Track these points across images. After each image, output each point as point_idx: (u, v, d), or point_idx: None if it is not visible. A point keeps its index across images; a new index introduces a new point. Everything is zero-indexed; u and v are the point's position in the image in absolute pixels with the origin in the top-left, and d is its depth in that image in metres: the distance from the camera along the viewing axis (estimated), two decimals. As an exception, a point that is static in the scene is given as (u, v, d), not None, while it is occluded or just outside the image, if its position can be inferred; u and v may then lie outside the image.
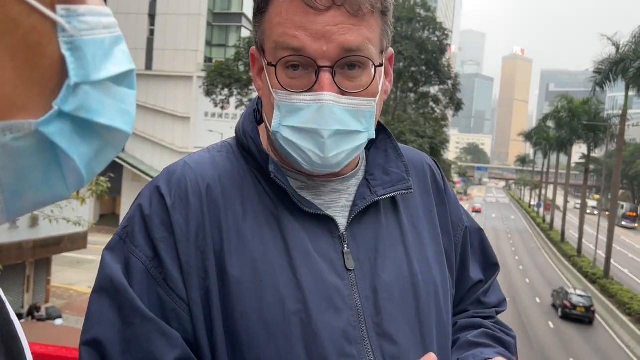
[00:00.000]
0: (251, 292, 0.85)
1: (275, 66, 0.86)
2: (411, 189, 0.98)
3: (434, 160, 1.14)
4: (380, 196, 0.95)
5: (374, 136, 0.91)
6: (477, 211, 71.70)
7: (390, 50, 0.97)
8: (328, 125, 0.84)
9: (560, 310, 23.92)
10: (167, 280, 0.84)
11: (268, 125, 0.91)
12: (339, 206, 0.95)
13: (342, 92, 0.85)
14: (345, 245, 0.91)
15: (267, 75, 0.89)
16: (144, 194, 0.90)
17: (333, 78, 0.84)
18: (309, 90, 0.84)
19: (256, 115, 1.00)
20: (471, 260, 1.12)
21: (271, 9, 0.87)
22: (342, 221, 0.93)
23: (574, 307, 23.03)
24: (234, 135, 1.01)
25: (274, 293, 0.85)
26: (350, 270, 0.90)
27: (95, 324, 0.83)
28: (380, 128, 1.02)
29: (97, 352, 0.81)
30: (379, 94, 0.90)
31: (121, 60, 0.46)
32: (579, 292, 24.44)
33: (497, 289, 1.16)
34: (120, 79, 0.46)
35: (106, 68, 0.44)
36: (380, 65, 0.88)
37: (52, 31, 0.40)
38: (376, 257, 0.93)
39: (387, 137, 1.03)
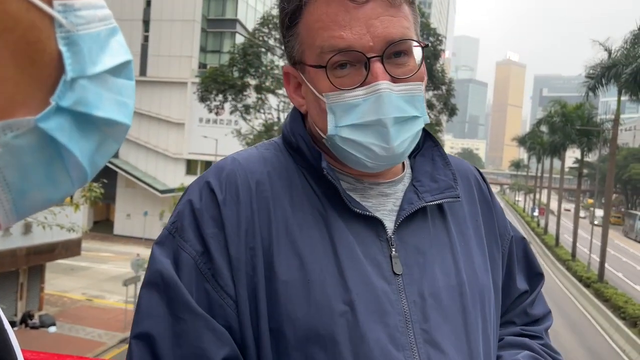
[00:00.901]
0: (298, 292, 0.84)
1: (325, 67, 0.86)
2: (459, 197, 0.97)
3: (479, 171, 1.13)
4: (428, 202, 0.94)
5: (428, 121, 0.92)
6: None
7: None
8: (389, 113, 0.84)
9: None
10: (216, 276, 0.84)
11: (322, 133, 0.91)
12: (386, 210, 0.94)
13: (394, 81, 0.86)
14: (394, 249, 0.90)
15: (311, 83, 0.89)
16: (193, 189, 0.90)
17: (384, 67, 0.85)
18: (362, 85, 0.85)
19: (303, 120, 0.98)
20: (517, 270, 1.11)
21: (306, 16, 0.88)
22: (389, 225, 0.92)
23: None
24: (281, 135, 1.01)
25: (321, 293, 0.84)
26: (398, 274, 0.89)
27: (146, 318, 0.82)
28: (426, 136, 1.03)
29: (148, 345, 0.81)
30: (425, 78, 0.91)
31: (118, 52, 0.46)
32: None
33: (542, 300, 1.14)
34: (118, 71, 0.46)
35: (102, 61, 0.44)
36: (427, 45, 0.91)
37: (50, 27, 0.41)
38: (424, 263, 0.91)
39: (434, 145, 1.03)
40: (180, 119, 33.73)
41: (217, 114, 24.03)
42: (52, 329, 15.75)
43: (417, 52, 0.90)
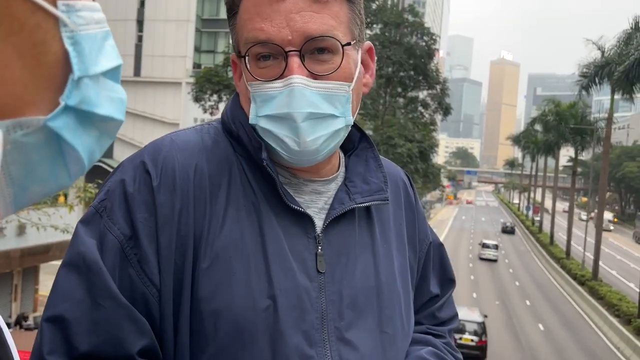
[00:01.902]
0: (223, 283, 0.84)
1: (245, 57, 0.88)
2: (387, 200, 0.99)
3: (408, 176, 1.16)
4: (359, 204, 0.96)
5: (351, 122, 0.91)
6: (470, 202, 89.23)
7: (368, 43, 0.97)
8: (300, 108, 0.84)
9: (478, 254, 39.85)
10: (142, 262, 0.82)
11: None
12: (317, 207, 0.95)
13: (314, 77, 0.86)
14: (320, 247, 0.92)
15: (244, 72, 0.90)
16: (126, 168, 0.87)
17: (302, 62, 0.85)
18: (280, 77, 0.85)
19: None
20: (431, 274, 1.14)
21: (240, 8, 0.89)
22: (318, 223, 0.93)
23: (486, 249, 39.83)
24: (220, 120, 0.99)
25: (245, 286, 0.84)
26: (321, 272, 0.90)
27: (62, 301, 0.79)
28: (362, 137, 1.04)
29: (60, 329, 0.78)
30: (354, 80, 0.90)
31: (111, 55, 0.47)
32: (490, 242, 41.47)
33: (451, 304, 1.17)
34: (110, 73, 0.47)
35: (101, 62, 0.45)
36: (348, 44, 0.88)
37: (55, 27, 0.42)
38: (347, 264, 0.93)
39: (369, 147, 1.04)
40: (175, 119, 33.65)
41: (211, 114, 23.97)
42: (47, 331, 15.68)
43: (350, 52, 0.89)
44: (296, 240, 0.90)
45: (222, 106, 23.07)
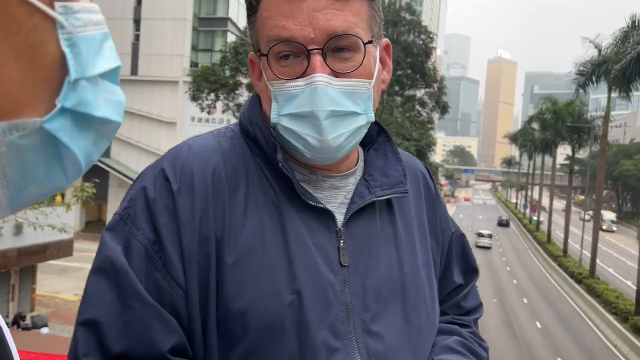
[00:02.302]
0: (248, 281, 0.85)
1: (267, 56, 0.88)
2: (407, 192, 1.00)
3: (427, 168, 1.16)
4: (378, 197, 0.96)
5: (372, 119, 0.92)
6: (467, 199, 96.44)
7: (386, 40, 0.98)
8: (323, 106, 0.84)
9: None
10: (167, 265, 0.83)
11: (269, 120, 0.92)
12: (337, 202, 0.96)
13: (336, 75, 0.86)
14: (342, 241, 0.92)
15: (264, 71, 0.91)
16: (147, 176, 0.89)
17: (324, 60, 0.85)
18: (302, 76, 0.86)
19: (261, 107, 0.99)
20: (454, 264, 1.15)
21: (261, 6, 0.89)
22: (339, 217, 0.94)
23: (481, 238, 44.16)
24: (238, 122, 1.01)
25: (270, 284, 0.85)
26: (344, 266, 0.91)
27: (93, 305, 0.82)
28: (380, 130, 1.05)
29: (94, 332, 0.80)
30: (374, 77, 0.91)
31: (110, 57, 0.47)
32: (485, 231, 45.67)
33: (475, 293, 1.19)
34: (108, 75, 0.47)
35: (98, 64, 0.45)
36: (370, 42, 0.89)
37: (52, 29, 0.41)
38: (370, 256, 0.94)
39: (387, 140, 1.05)
40: (172, 118, 33.60)
41: (209, 113, 23.93)
42: (45, 330, 15.65)
43: (370, 50, 0.90)
44: (318, 235, 0.91)
45: (219, 105, 23.05)
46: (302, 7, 0.85)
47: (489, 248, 43.33)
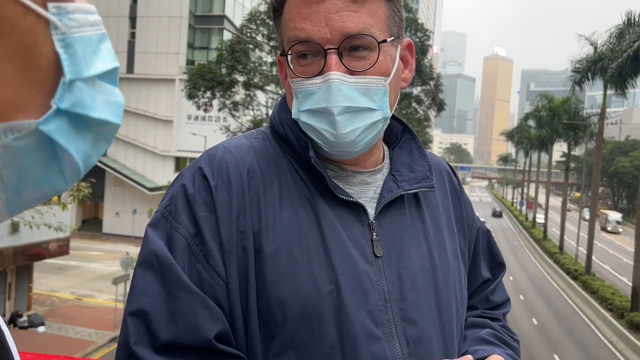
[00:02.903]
0: (286, 272, 0.88)
1: (286, 55, 0.94)
2: (434, 187, 1.04)
3: (450, 167, 1.21)
4: (407, 190, 1.01)
5: (389, 115, 0.95)
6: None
7: (407, 39, 1.02)
8: (336, 102, 0.89)
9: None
10: (208, 257, 0.87)
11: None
12: (367, 197, 1.00)
13: (351, 73, 0.90)
14: (375, 234, 0.96)
15: (288, 70, 0.96)
16: (186, 175, 0.94)
17: (340, 59, 0.90)
18: (320, 74, 0.91)
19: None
20: (481, 259, 1.19)
21: (285, 9, 0.95)
22: (370, 211, 0.98)
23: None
24: (269, 124, 1.06)
25: (308, 273, 0.89)
26: (378, 257, 0.95)
27: (141, 296, 0.85)
28: (404, 129, 1.11)
29: (143, 322, 0.83)
30: (391, 74, 0.94)
31: (107, 58, 0.47)
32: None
33: (502, 288, 1.22)
34: (106, 76, 0.47)
35: (95, 65, 0.45)
36: (384, 41, 0.93)
37: (46, 30, 0.41)
38: (402, 247, 0.98)
39: (412, 138, 1.10)
40: (169, 116, 33.54)
41: (205, 110, 23.92)
42: (41, 329, 15.63)
43: (387, 48, 0.94)
44: (352, 228, 0.95)
45: (215, 103, 23.02)
46: (320, 10, 0.90)
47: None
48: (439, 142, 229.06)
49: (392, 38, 0.95)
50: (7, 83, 0.39)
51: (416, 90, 27.07)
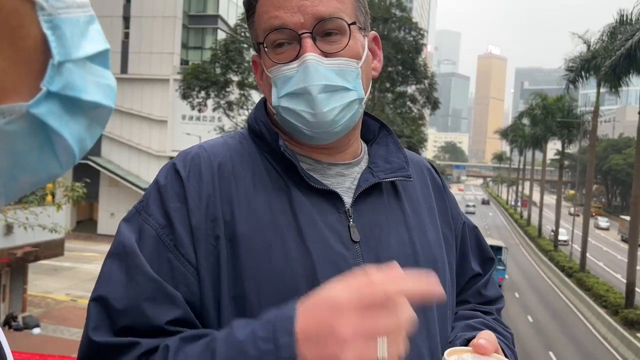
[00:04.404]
0: (261, 256, 0.90)
1: (264, 45, 0.96)
2: (410, 177, 1.06)
3: (432, 165, 1.23)
4: (382, 179, 1.02)
5: (363, 97, 0.98)
6: (461, 190, 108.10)
7: (373, 32, 1.06)
8: (314, 81, 0.92)
9: None
10: (178, 246, 0.89)
11: (272, 109, 0.99)
12: (344, 187, 1.02)
13: (325, 55, 0.94)
14: (351, 220, 0.97)
15: (263, 63, 0.99)
16: (160, 172, 0.97)
17: (314, 43, 0.94)
18: (296, 59, 0.94)
19: (266, 108, 1.06)
20: (470, 254, 1.20)
21: (258, 4, 0.98)
22: (347, 200, 0.99)
23: None
24: (246, 126, 1.09)
25: (283, 257, 0.90)
26: (356, 242, 0.96)
27: (104, 284, 0.87)
28: (381, 127, 1.14)
29: (103, 308, 0.85)
30: (362, 58, 0.98)
31: (97, 40, 0.46)
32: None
33: (494, 283, 1.23)
34: (97, 59, 0.46)
35: (84, 46, 0.44)
36: (354, 23, 0.97)
37: (32, 11, 0.41)
38: (380, 234, 0.99)
39: (388, 134, 1.13)
40: (163, 117, 33.44)
41: (199, 110, 23.86)
42: (36, 331, 15.56)
43: (356, 34, 0.98)
44: (327, 215, 0.96)
45: (210, 103, 22.97)
46: None
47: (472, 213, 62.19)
48: (433, 140, 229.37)
49: (360, 26, 0.99)
50: None
51: (411, 89, 27.10)
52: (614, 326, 20.45)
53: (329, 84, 0.93)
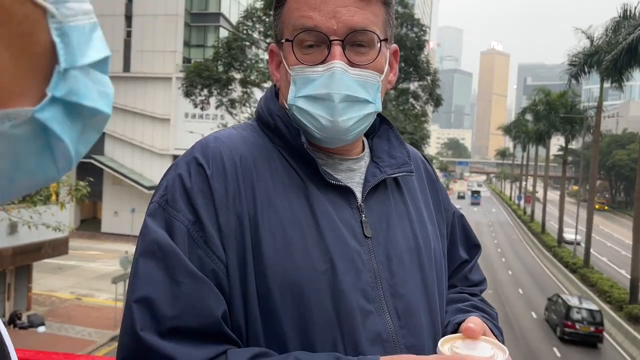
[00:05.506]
0: (282, 254, 0.92)
1: (292, 42, 0.97)
2: (413, 172, 1.10)
3: (425, 158, 1.28)
4: (389, 175, 1.07)
5: (380, 109, 1.01)
6: (466, 180, 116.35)
7: (394, 46, 1.08)
8: (339, 89, 0.93)
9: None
10: (208, 242, 0.90)
11: (285, 104, 1.00)
12: (354, 182, 1.05)
13: (352, 65, 0.95)
14: (363, 215, 1.01)
15: (285, 58, 0.99)
16: (180, 165, 0.96)
17: (343, 51, 0.94)
18: (322, 63, 0.95)
19: (277, 98, 1.07)
20: (458, 241, 1.27)
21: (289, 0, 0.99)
22: (358, 195, 1.03)
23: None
24: (255, 117, 1.09)
25: (304, 255, 0.93)
26: (368, 237, 1.00)
27: (145, 284, 0.87)
28: (381, 120, 1.16)
29: (148, 308, 0.85)
30: (384, 73, 1.01)
31: (100, 47, 0.47)
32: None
33: (478, 268, 1.31)
34: (98, 65, 0.47)
35: (89, 53, 0.45)
36: (385, 40, 0.99)
37: (42, 19, 0.41)
38: (388, 228, 1.04)
39: (389, 128, 1.16)
40: (166, 115, 33.47)
41: (202, 108, 23.86)
42: (41, 329, 15.62)
43: (383, 48, 0.99)
44: (342, 210, 0.99)
45: (212, 101, 22.96)
46: (329, 1, 0.94)
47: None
48: (436, 137, 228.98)
49: (387, 40, 1.00)
50: (4, 71, 0.40)
51: (413, 86, 27.05)
52: (618, 322, 20.42)
53: (352, 95, 0.94)
